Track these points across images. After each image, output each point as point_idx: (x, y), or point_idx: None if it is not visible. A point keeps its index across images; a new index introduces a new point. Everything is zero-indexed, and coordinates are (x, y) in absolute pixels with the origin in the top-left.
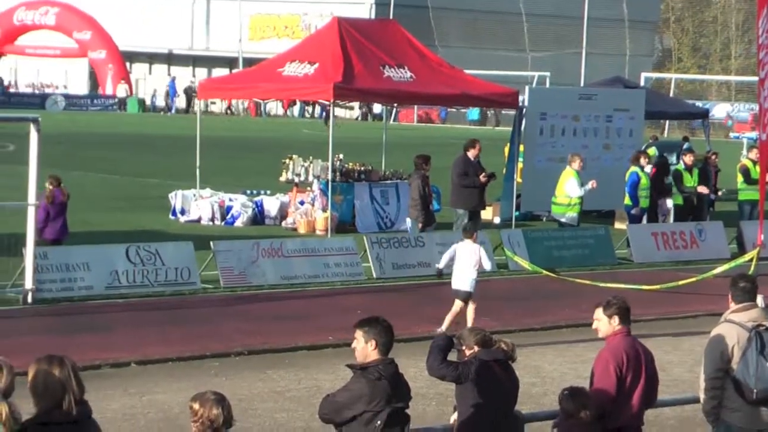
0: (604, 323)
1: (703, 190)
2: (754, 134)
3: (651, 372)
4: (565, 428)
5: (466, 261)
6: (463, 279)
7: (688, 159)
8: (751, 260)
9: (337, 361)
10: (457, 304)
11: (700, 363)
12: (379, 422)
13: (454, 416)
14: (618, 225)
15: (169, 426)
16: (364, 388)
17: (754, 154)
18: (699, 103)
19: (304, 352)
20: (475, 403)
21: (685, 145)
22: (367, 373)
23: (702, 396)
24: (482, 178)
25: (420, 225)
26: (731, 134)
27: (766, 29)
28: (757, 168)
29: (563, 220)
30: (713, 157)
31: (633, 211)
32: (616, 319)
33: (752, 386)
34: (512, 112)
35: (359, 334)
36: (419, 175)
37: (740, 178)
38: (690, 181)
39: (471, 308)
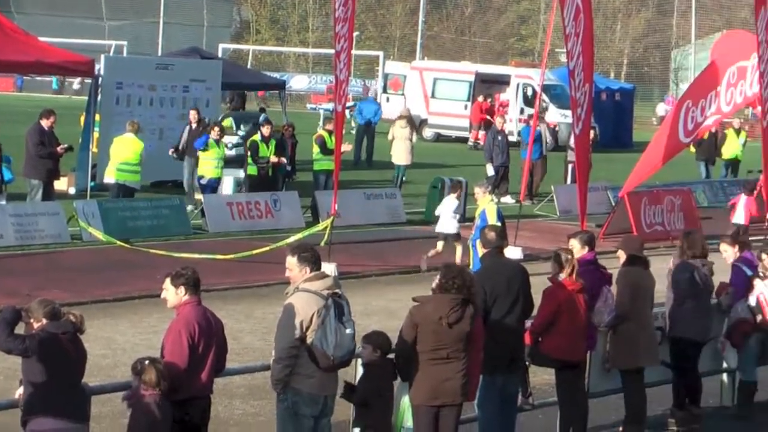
0: (171, 293)
1: (274, 160)
2: (330, 105)
3: (221, 341)
4: (137, 399)
5: (449, 210)
6: (446, 224)
7: (266, 130)
8: (325, 229)
9: None
10: (440, 244)
11: (272, 331)
12: None
13: (20, 390)
14: (194, 195)
15: None
16: None
17: (330, 125)
18: (277, 75)
19: None
20: (42, 377)
21: (262, 117)
22: None
23: (274, 364)
24: (59, 149)
25: None
26: (308, 105)
27: (342, 3)
28: (333, 138)
29: (138, 186)
30: (289, 128)
31: (202, 181)
32: (182, 290)
33: (331, 353)
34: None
35: None
36: None
37: (316, 149)
38: (266, 152)
39: (459, 248)
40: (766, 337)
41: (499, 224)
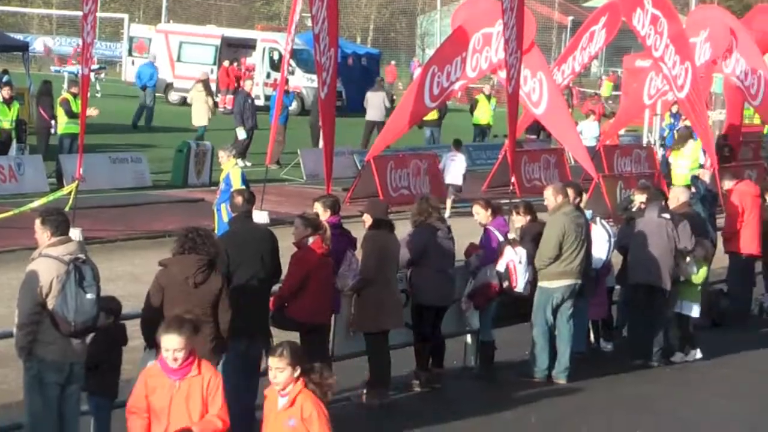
0: None
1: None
2: (75, 68)
3: None
4: None
5: (457, 165)
6: (455, 175)
7: (6, 92)
8: (69, 194)
9: None
10: (451, 192)
11: (16, 298)
12: None
13: None
14: None
15: None
16: None
17: (75, 88)
18: (20, 36)
19: None
20: None
21: (5, 78)
22: None
23: (17, 331)
24: None
25: None
26: (52, 68)
27: None
28: (78, 102)
29: None
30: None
31: None
32: None
33: (71, 319)
34: None
35: None
36: None
37: (61, 112)
38: (8, 114)
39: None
40: (507, 301)
41: (245, 188)
